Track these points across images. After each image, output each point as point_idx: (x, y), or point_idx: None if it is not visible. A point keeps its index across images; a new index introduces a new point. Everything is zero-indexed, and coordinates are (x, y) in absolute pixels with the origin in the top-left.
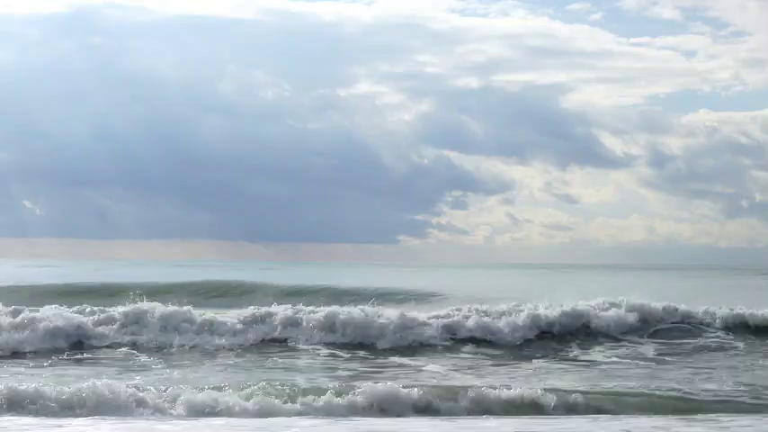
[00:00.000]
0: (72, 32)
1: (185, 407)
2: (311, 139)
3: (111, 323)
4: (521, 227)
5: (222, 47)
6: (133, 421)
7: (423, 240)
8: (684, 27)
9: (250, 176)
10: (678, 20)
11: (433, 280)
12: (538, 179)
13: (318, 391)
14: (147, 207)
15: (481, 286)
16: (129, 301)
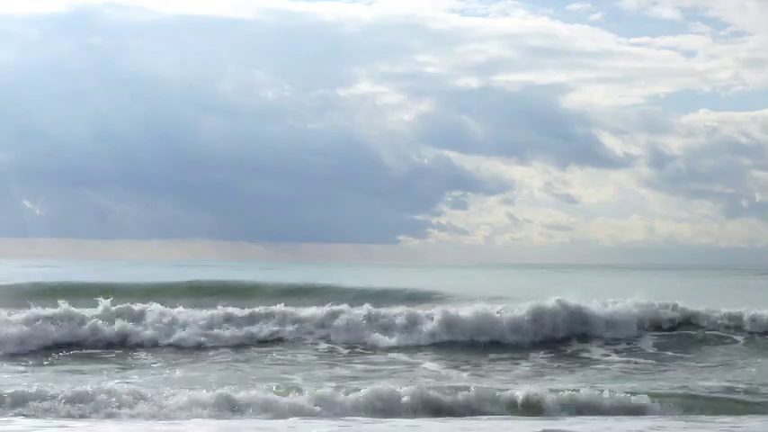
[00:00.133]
0: (72, 32)
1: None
2: (311, 139)
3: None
4: (521, 227)
5: (222, 47)
6: (134, 422)
7: (423, 240)
8: (684, 27)
9: (250, 176)
10: (678, 20)
11: (443, 279)
12: (538, 179)
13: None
14: (147, 207)
15: (488, 286)
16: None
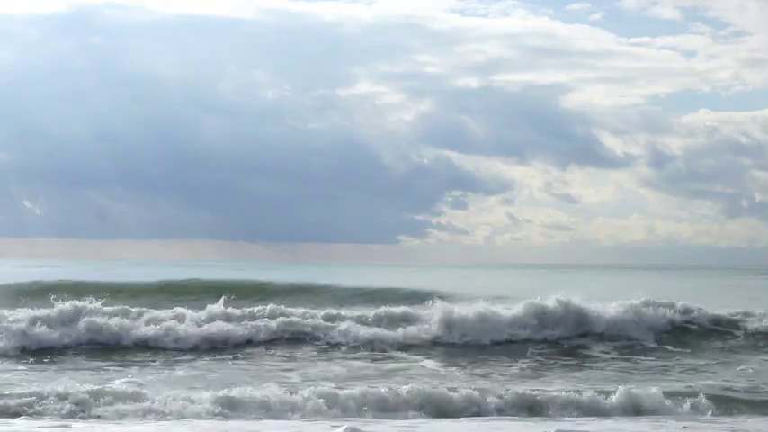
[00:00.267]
0: (72, 32)
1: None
2: (311, 139)
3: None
4: (521, 227)
5: (222, 47)
6: (136, 422)
7: (423, 240)
8: (684, 27)
9: (250, 176)
10: (678, 20)
11: (443, 279)
12: (538, 179)
13: None
14: (147, 207)
15: (489, 286)
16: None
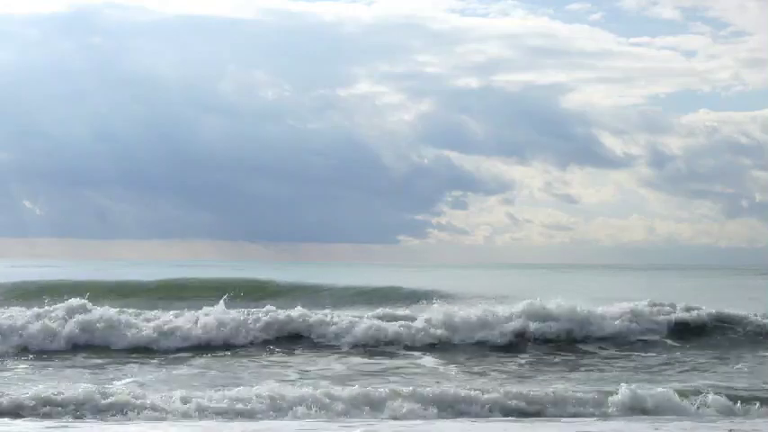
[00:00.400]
0: (72, 32)
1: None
2: (311, 139)
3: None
4: (521, 227)
5: (222, 47)
6: (136, 423)
7: (423, 240)
8: (684, 27)
9: (250, 176)
10: (678, 20)
11: (443, 279)
12: (538, 179)
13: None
14: (147, 207)
15: (489, 285)
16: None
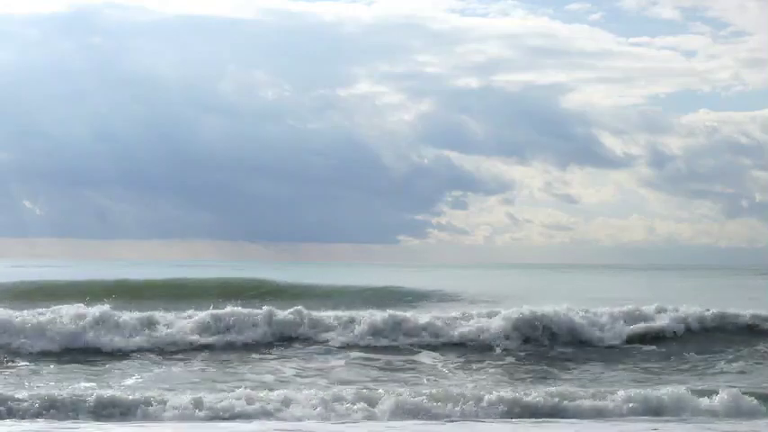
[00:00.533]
0: (72, 32)
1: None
2: (311, 139)
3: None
4: (521, 227)
5: (222, 47)
6: (138, 423)
7: (423, 240)
8: (684, 27)
9: (250, 176)
10: (678, 20)
11: (443, 280)
12: (538, 179)
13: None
14: (147, 207)
15: (489, 285)
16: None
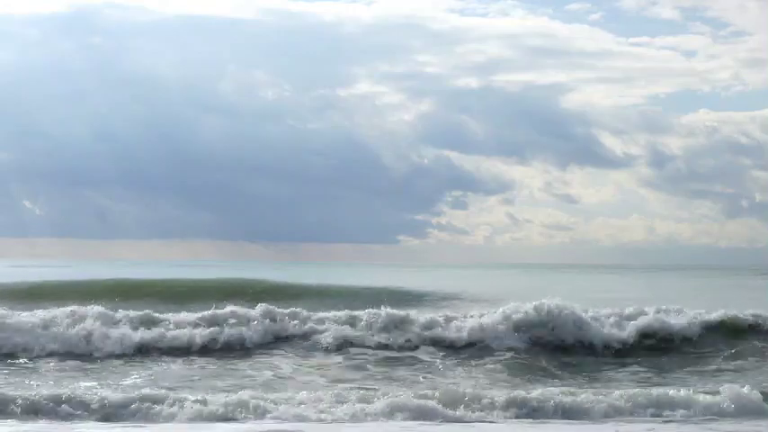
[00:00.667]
0: (72, 32)
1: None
2: (311, 139)
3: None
4: (521, 227)
5: (222, 47)
6: (140, 424)
7: (423, 240)
8: (684, 27)
9: (250, 176)
10: (678, 20)
11: (443, 280)
12: (538, 179)
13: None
14: (147, 207)
15: (489, 285)
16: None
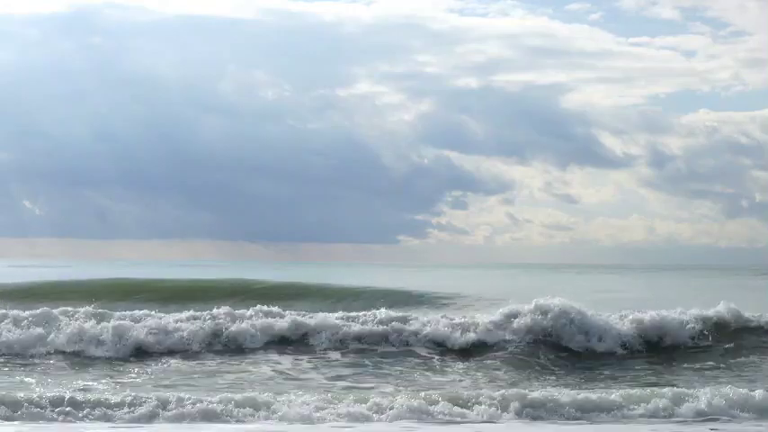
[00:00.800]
0: (72, 32)
1: None
2: (311, 139)
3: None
4: (521, 227)
5: (222, 47)
6: (139, 424)
7: (423, 240)
8: (684, 27)
9: (250, 176)
10: (678, 20)
11: (443, 280)
12: (538, 179)
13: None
14: (147, 207)
15: (489, 285)
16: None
